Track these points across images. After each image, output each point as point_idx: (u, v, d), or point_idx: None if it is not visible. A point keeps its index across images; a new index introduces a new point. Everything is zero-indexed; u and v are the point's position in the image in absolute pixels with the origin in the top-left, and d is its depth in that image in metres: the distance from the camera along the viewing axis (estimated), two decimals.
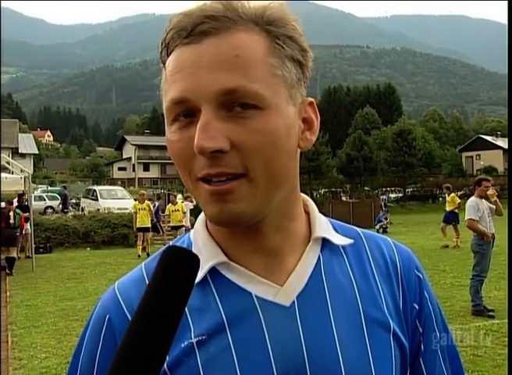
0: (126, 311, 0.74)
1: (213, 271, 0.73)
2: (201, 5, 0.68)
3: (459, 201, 16.08)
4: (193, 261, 0.58)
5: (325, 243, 0.78)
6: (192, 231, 0.81)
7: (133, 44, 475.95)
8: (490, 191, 7.70)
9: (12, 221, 12.56)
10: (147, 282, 0.73)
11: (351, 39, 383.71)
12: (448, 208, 16.03)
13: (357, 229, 0.85)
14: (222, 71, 0.65)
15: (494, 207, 7.65)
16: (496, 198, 7.77)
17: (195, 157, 0.66)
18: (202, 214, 0.78)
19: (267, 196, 0.68)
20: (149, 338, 0.55)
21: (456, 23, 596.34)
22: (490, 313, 7.09)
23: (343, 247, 0.79)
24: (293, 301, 0.72)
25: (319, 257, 0.76)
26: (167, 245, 0.82)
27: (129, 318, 0.72)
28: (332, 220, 0.84)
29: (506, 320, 6.41)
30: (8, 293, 9.85)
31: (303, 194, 0.80)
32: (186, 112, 0.67)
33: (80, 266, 13.57)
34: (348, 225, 0.86)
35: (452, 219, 15.65)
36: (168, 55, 0.70)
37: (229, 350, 0.69)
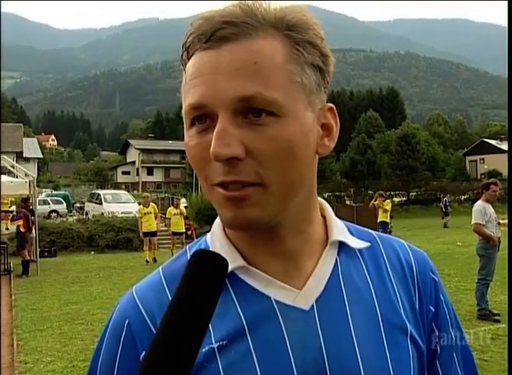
0: (145, 315, 0.73)
1: (231, 275, 0.72)
2: (221, 11, 0.68)
3: (388, 209, 15.03)
4: (222, 265, 0.61)
5: (342, 246, 0.78)
6: (209, 235, 0.80)
7: (137, 48, 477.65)
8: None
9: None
10: (165, 286, 0.75)
11: (354, 43, 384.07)
12: (380, 218, 14.86)
13: (373, 232, 0.85)
14: (240, 78, 0.64)
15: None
16: None
17: (211, 163, 0.66)
18: (219, 218, 0.78)
19: (282, 202, 0.68)
20: (179, 339, 0.56)
21: (459, 27, 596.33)
22: (496, 317, 7.06)
23: (360, 250, 0.79)
24: (312, 305, 0.72)
25: (336, 260, 0.77)
26: (183, 251, 0.81)
27: (149, 323, 0.72)
28: (348, 223, 0.84)
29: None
30: (13, 297, 9.88)
31: (319, 198, 0.80)
32: (204, 117, 0.67)
33: (84, 269, 13.61)
34: (363, 228, 0.86)
35: (383, 228, 14.32)
36: (188, 59, 0.70)
37: (249, 354, 0.69)
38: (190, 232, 17.03)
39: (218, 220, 0.79)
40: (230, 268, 0.69)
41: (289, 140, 0.66)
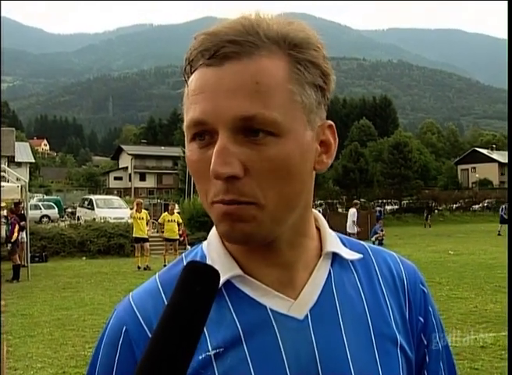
0: (142, 323, 0.74)
1: (228, 284, 0.74)
2: (225, 27, 0.68)
3: None
4: (214, 277, 0.61)
5: (336, 257, 0.79)
6: (205, 243, 0.81)
7: (131, 54, 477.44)
8: None
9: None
10: (162, 293, 0.75)
11: (348, 51, 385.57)
12: None
13: (364, 244, 0.87)
14: (242, 97, 0.65)
15: None
16: None
17: (212, 179, 0.67)
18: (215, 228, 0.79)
19: (278, 220, 0.70)
20: (171, 351, 0.57)
21: (452, 37, 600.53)
22: None
23: (352, 261, 0.81)
24: (307, 315, 0.74)
25: (330, 271, 0.78)
26: (179, 259, 0.82)
27: (146, 330, 0.73)
28: (340, 235, 0.85)
29: (504, 333, 6.42)
30: (3, 302, 9.80)
31: (313, 210, 0.81)
32: (205, 132, 0.68)
33: (75, 275, 13.55)
34: (355, 240, 0.88)
35: None
36: (191, 73, 0.70)
37: (245, 362, 0.70)
38: (182, 238, 16.99)
39: (214, 229, 0.79)
40: (227, 277, 0.73)
41: (287, 159, 0.67)
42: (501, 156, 63.81)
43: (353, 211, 17.99)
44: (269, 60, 0.67)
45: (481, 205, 43.77)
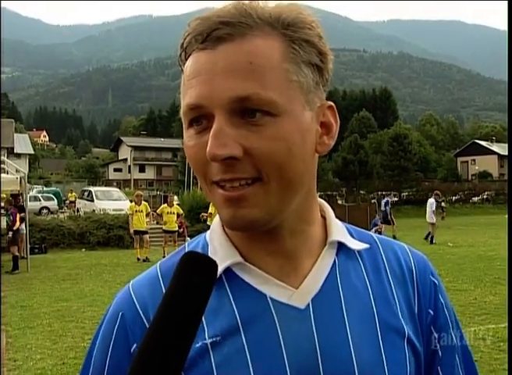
0: (139, 309, 0.74)
1: (228, 272, 0.73)
2: (218, 11, 0.68)
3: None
4: (212, 267, 0.59)
5: (341, 247, 0.78)
6: (208, 232, 0.81)
7: (130, 45, 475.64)
8: None
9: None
10: (161, 281, 0.75)
11: (348, 43, 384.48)
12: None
13: (373, 234, 0.85)
14: (236, 78, 0.65)
15: None
16: None
17: (210, 162, 0.66)
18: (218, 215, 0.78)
19: (281, 202, 0.69)
20: (168, 342, 0.56)
21: (452, 29, 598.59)
22: None
23: (359, 252, 0.79)
24: (308, 304, 0.72)
25: (335, 261, 0.76)
26: (182, 247, 0.82)
27: (142, 315, 0.73)
28: (348, 225, 0.84)
29: (502, 325, 6.43)
30: (2, 294, 9.81)
31: (319, 199, 0.80)
32: (202, 117, 0.67)
33: (75, 266, 13.55)
34: (363, 230, 0.86)
35: None
36: (186, 59, 0.70)
37: (242, 351, 0.69)
38: (181, 230, 16.98)
39: (217, 218, 0.78)
40: (227, 263, 0.72)
41: (286, 139, 0.66)
42: (501, 148, 63.76)
43: (431, 201, 18.38)
44: (263, 40, 0.67)
45: (480, 197, 43.85)
